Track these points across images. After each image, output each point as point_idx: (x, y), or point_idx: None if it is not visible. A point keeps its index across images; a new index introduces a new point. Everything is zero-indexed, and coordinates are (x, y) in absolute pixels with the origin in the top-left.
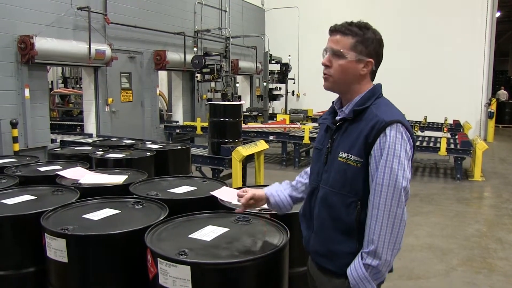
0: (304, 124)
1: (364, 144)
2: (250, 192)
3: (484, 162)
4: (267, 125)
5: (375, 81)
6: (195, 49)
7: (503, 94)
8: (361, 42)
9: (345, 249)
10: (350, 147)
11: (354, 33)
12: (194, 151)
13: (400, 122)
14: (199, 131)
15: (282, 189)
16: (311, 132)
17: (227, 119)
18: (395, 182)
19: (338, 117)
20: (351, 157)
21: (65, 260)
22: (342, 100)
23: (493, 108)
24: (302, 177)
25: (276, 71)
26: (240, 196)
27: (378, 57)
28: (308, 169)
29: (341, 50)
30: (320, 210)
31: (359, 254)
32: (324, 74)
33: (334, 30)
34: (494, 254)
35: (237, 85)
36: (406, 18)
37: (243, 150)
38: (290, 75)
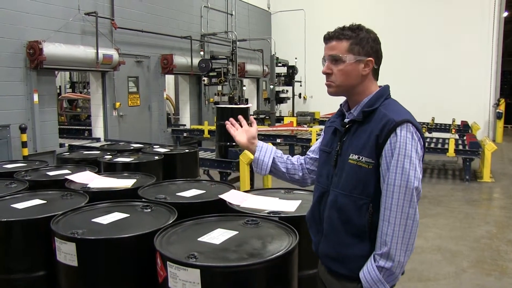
0: (311, 127)
1: (375, 145)
2: (253, 129)
3: (493, 163)
4: (274, 128)
5: (382, 82)
6: (201, 53)
7: None
8: (357, 44)
9: (358, 252)
10: (361, 148)
11: (348, 36)
12: (202, 154)
13: (410, 121)
14: (206, 134)
15: (270, 152)
16: (318, 135)
17: None
18: (407, 182)
19: (346, 119)
20: (362, 158)
21: (75, 264)
22: (349, 103)
23: (502, 108)
24: (293, 160)
25: (282, 74)
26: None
27: (377, 55)
28: (301, 157)
29: (339, 55)
30: (331, 213)
31: (372, 256)
32: (327, 81)
33: (328, 38)
34: (505, 256)
35: (244, 88)
36: (413, 20)
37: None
38: (296, 77)
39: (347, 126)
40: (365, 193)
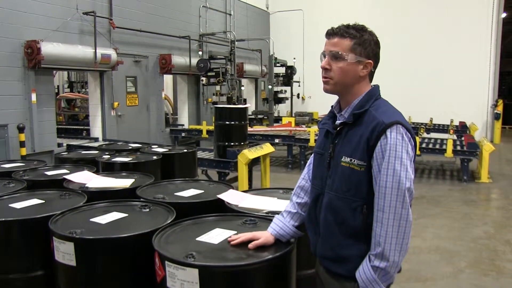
0: (310, 127)
1: (366, 147)
2: (259, 241)
3: (491, 164)
4: (272, 128)
5: (381, 83)
6: (200, 53)
7: None
8: (360, 44)
9: (354, 253)
10: (352, 151)
11: (352, 35)
12: (200, 154)
13: (400, 123)
14: (204, 134)
15: (286, 223)
16: (316, 135)
17: (232, 122)
18: (399, 184)
19: (338, 122)
20: (354, 161)
21: (73, 263)
22: (341, 103)
23: (500, 109)
24: (299, 197)
25: (281, 74)
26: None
27: (376, 58)
28: (302, 183)
29: (341, 53)
30: (326, 215)
31: (367, 256)
32: (324, 77)
33: (331, 33)
34: (503, 256)
35: (243, 88)
36: (411, 19)
37: (249, 153)
38: (295, 78)
39: (338, 128)
40: (358, 195)
